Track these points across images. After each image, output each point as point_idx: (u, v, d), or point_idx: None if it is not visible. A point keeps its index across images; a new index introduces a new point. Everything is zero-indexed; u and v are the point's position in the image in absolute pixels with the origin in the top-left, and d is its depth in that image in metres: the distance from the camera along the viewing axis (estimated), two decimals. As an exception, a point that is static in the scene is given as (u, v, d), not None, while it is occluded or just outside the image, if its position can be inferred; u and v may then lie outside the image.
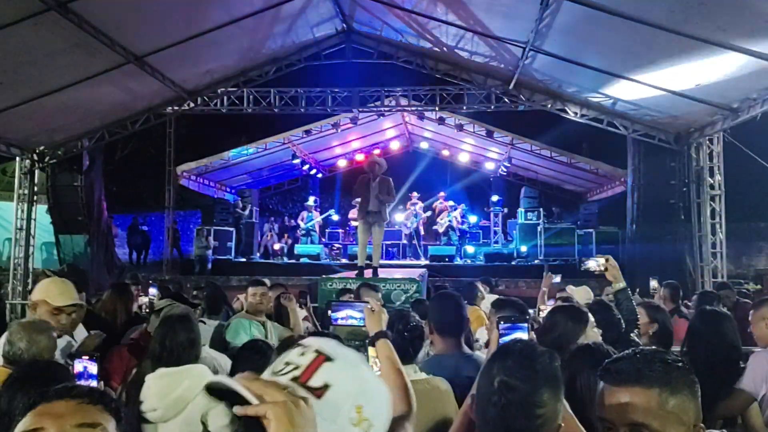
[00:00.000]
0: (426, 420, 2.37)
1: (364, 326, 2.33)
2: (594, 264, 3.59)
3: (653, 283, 7.36)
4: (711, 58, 7.59)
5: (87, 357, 2.35)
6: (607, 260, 3.57)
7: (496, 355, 1.61)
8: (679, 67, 8.26)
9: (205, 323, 4.62)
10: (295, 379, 0.91)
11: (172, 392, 2.49)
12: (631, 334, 3.39)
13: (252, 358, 2.89)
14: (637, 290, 7.05)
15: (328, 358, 0.94)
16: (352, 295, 5.50)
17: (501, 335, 2.27)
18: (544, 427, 1.50)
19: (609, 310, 3.35)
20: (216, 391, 0.90)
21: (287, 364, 0.94)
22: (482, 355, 3.15)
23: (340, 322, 2.42)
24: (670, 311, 6.25)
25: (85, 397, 1.19)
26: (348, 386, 0.92)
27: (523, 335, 2.21)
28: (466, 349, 3.15)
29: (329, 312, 2.45)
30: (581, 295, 5.71)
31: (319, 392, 0.89)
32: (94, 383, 2.30)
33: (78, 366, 2.31)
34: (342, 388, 0.91)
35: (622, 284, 3.58)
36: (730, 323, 3.47)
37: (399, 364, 2.10)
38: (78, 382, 2.25)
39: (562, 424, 1.56)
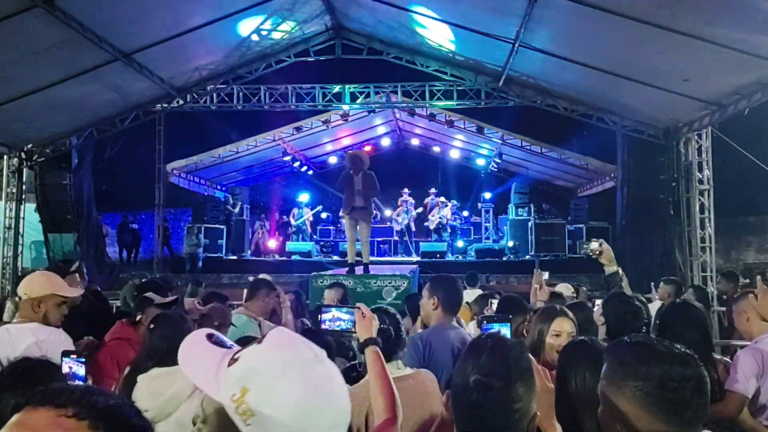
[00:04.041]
0: (413, 415, 2.38)
1: (354, 331, 2.32)
2: (596, 246, 3.64)
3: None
4: (699, 54, 7.63)
5: (74, 356, 2.32)
6: (600, 244, 3.61)
7: (469, 353, 1.61)
8: (667, 63, 8.29)
9: None
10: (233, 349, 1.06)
11: (164, 392, 2.48)
12: None
13: None
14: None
15: (261, 342, 1.05)
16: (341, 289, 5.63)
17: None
18: (522, 421, 1.51)
19: (628, 300, 3.34)
20: None
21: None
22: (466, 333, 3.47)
23: (328, 324, 2.40)
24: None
25: (70, 407, 0.93)
26: (245, 367, 1.00)
27: (506, 333, 2.21)
28: (455, 323, 3.45)
29: (319, 315, 2.44)
30: (563, 291, 5.75)
31: (231, 362, 1.01)
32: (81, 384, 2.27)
33: (64, 366, 2.27)
34: (241, 365, 1.00)
35: (615, 268, 3.61)
36: (698, 315, 3.37)
37: (386, 372, 2.10)
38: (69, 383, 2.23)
39: (538, 413, 1.57)
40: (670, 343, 1.47)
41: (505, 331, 2.37)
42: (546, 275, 6.19)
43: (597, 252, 3.62)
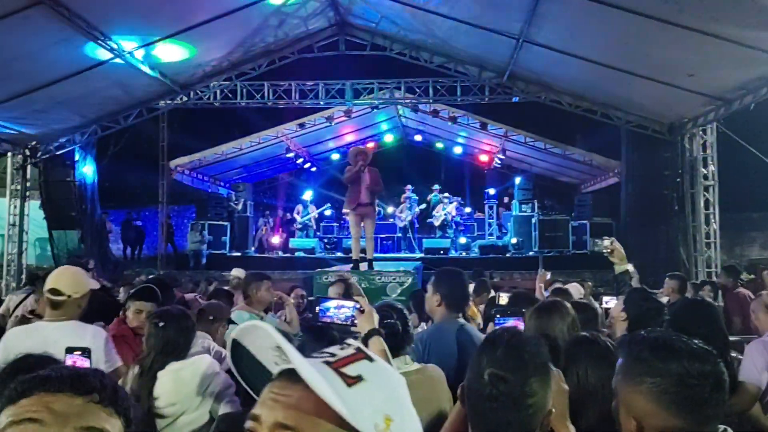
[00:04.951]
0: (421, 411, 2.37)
1: (353, 325, 2.31)
2: (608, 243, 3.66)
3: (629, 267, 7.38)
4: (704, 49, 7.60)
5: (79, 352, 2.32)
6: (611, 242, 3.63)
7: (484, 347, 1.60)
8: (672, 58, 8.26)
9: None
10: (327, 363, 0.82)
11: (188, 385, 2.53)
12: None
13: None
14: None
15: (369, 358, 0.87)
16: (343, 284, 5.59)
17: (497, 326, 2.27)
18: (536, 416, 1.50)
19: (650, 297, 3.32)
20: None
21: (323, 353, 0.86)
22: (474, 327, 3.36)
23: (331, 312, 2.40)
24: (676, 302, 6.28)
25: (95, 393, 0.94)
26: (381, 391, 0.83)
27: (519, 325, 2.21)
28: (461, 319, 3.30)
29: (317, 308, 2.44)
30: (572, 291, 5.74)
31: (351, 381, 0.80)
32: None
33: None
34: (375, 388, 0.82)
35: (625, 266, 3.61)
36: (714, 312, 3.36)
37: (391, 362, 2.09)
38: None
39: (553, 410, 1.55)
40: (688, 339, 1.44)
41: (519, 324, 2.36)
42: (548, 275, 6.18)
43: (609, 250, 3.62)
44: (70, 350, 2.34)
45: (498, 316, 2.34)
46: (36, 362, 2.18)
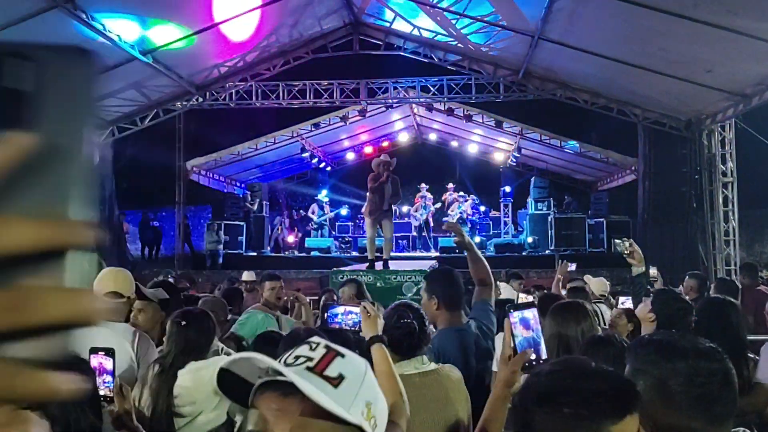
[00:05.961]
0: (439, 410, 2.37)
1: (359, 330, 2.32)
2: (627, 245, 3.65)
3: (653, 271, 7.30)
4: (722, 44, 7.51)
5: (102, 352, 2.34)
6: (630, 244, 3.62)
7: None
8: (689, 54, 8.18)
9: None
10: (309, 369, 0.94)
11: (207, 385, 2.55)
12: None
13: (265, 349, 2.90)
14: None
15: (340, 354, 0.99)
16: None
17: (513, 322, 2.27)
18: None
19: (678, 297, 3.31)
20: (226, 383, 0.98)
21: (297, 357, 0.97)
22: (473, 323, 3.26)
23: (338, 319, 2.42)
24: (694, 300, 6.22)
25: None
26: (359, 382, 0.97)
27: (533, 315, 2.21)
28: (464, 319, 3.26)
29: (326, 314, 2.46)
30: (597, 286, 5.70)
31: (335, 382, 0.93)
32: (109, 379, 2.30)
33: (93, 361, 2.29)
34: (354, 382, 0.96)
35: (642, 269, 3.60)
36: (735, 311, 3.33)
37: (393, 369, 2.08)
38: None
39: None
40: (693, 338, 1.44)
41: (530, 314, 2.37)
42: (573, 267, 6.13)
43: (628, 251, 3.62)
44: (94, 350, 2.36)
45: (512, 311, 2.34)
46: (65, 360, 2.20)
